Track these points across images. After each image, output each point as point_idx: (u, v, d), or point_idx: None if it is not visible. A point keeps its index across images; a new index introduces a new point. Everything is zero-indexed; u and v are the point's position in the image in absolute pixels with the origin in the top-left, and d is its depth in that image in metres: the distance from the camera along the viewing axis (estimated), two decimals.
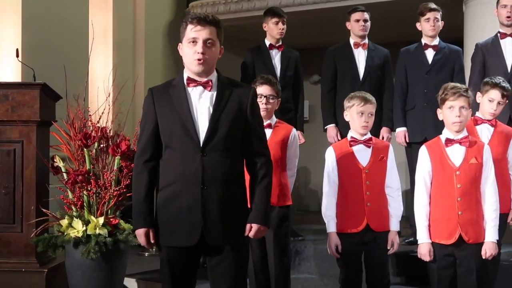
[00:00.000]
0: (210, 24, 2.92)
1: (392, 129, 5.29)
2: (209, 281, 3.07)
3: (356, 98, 3.75)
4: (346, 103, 3.80)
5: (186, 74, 3.01)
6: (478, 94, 3.97)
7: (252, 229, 2.98)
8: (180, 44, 3.02)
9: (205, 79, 2.96)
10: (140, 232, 3.01)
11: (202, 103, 2.96)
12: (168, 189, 2.98)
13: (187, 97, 2.97)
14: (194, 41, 2.91)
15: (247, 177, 3.10)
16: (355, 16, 5.35)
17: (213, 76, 3.00)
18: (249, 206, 3.06)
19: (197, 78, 2.97)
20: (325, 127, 5.43)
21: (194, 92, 2.98)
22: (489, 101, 3.88)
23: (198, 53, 2.89)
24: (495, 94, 3.87)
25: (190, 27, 2.92)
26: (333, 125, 5.37)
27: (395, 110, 5.20)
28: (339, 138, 5.22)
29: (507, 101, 3.94)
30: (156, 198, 3.06)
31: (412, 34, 5.50)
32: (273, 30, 5.46)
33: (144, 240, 3.01)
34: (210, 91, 2.97)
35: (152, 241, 3.02)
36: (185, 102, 2.96)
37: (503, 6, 4.80)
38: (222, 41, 3.01)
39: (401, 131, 5.14)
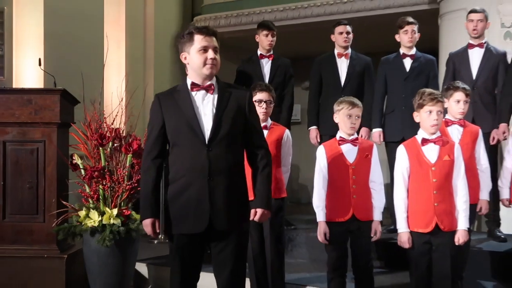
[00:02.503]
0: (214, 35, 2.99)
1: (371, 129, 5.26)
2: (212, 265, 3.06)
3: (345, 103, 3.74)
4: (336, 107, 3.79)
5: (190, 80, 3.03)
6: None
7: (257, 214, 3.03)
8: (184, 53, 3.03)
9: (207, 84, 2.99)
10: (147, 222, 3.01)
11: (205, 105, 2.99)
12: (178, 182, 2.97)
13: (192, 100, 2.99)
14: (205, 49, 2.94)
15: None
16: (339, 29, 5.32)
17: (214, 81, 3.02)
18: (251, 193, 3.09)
19: (200, 83, 3.00)
20: (308, 128, 5.44)
21: (198, 96, 3.00)
22: (456, 103, 3.86)
23: (211, 58, 2.94)
24: (460, 95, 3.86)
25: (199, 37, 2.96)
26: (314, 127, 5.43)
27: (374, 112, 5.16)
28: (319, 139, 5.28)
29: (469, 99, 3.93)
30: (166, 192, 3.04)
31: (391, 44, 5.47)
32: (263, 41, 5.44)
33: (150, 229, 3.02)
34: (212, 94, 3.00)
35: (158, 231, 3.03)
36: (190, 105, 2.98)
37: (470, 20, 4.82)
38: None
39: (377, 131, 5.12)
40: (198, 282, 3.14)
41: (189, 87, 3.01)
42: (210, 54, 2.94)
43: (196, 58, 2.96)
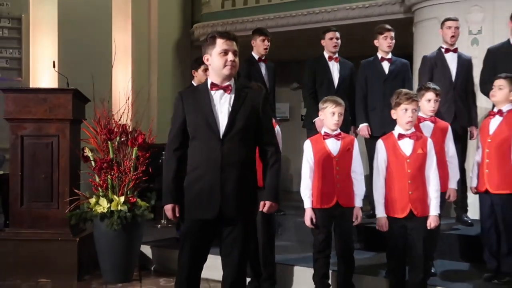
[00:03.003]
0: (235, 40, 2.96)
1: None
2: (220, 245, 3.02)
3: (329, 101, 3.74)
4: (321, 105, 3.78)
5: (210, 80, 2.99)
6: None
7: (265, 205, 2.99)
8: (206, 55, 2.99)
9: (226, 84, 2.96)
10: (168, 207, 2.98)
11: (222, 103, 2.95)
12: (193, 173, 2.95)
13: (210, 99, 2.95)
14: (225, 52, 2.91)
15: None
16: (329, 35, 5.26)
17: (232, 82, 2.99)
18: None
19: (219, 83, 2.96)
20: (313, 120, 5.17)
21: (216, 95, 2.96)
22: (428, 101, 3.86)
23: (231, 60, 2.91)
24: (430, 95, 3.85)
25: (221, 41, 2.92)
26: (319, 118, 5.34)
27: (358, 110, 5.11)
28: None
29: (440, 98, 3.93)
30: (184, 180, 3.01)
31: (367, 49, 5.44)
32: (260, 46, 5.38)
33: (171, 213, 2.98)
34: (229, 94, 2.96)
35: (177, 215, 2.99)
36: (208, 103, 2.95)
37: (448, 27, 4.79)
38: None
39: (364, 126, 5.05)
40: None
41: (209, 86, 2.98)
42: (230, 56, 2.91)
43: (217, 60, 2.93)
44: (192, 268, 2.99)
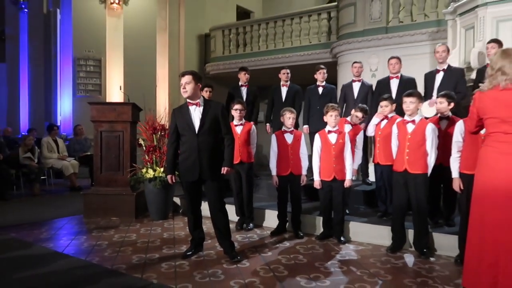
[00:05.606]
0: (185, 74, 2.97)
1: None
2: (206, 197, 3.07)
3: (287, 110, 3.71)
4: (282, 113, 3.74)
5: (188, 101, 3.03)
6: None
7: (225, 170, 3.02)
8: None
9: (195, 102, 2.99)
10: (168, 177, 3.10)
11: (196, 113, 2.99)
12: (183, 154, 3.01)
13: (189, 111, 2.99)
14: (182, 83, 2.95)
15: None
16: (283, 71, 5.19)
17: (201, 100, 3.01)
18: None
19: (192, 102, 2.99)
20: (265, 124, 5.31)
21: (192, 108, 2.99)
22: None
23: (182, 89, 2.95)
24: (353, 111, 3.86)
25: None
26: (268, 124, 5.35)
27: (304, 116, 5.08)
28: (269, 130, 5.25)
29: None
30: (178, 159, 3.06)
31: (312, 79, 5.41)
32: (243, 77, 5.29)
33: (170, 180, 3.09)
34: (199, 107, 2.98)
35: (174, 181, 3.09)
36: (188, 113, 2.99)
37: (354, 67, 4.78)
38: (197, 81, 2.97)
39: (305, 126, 5.05)
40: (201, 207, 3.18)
41: (187, 104, 3.02)
42: (182, 86, 2.95)
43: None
44: (193, 206, 3.10)
